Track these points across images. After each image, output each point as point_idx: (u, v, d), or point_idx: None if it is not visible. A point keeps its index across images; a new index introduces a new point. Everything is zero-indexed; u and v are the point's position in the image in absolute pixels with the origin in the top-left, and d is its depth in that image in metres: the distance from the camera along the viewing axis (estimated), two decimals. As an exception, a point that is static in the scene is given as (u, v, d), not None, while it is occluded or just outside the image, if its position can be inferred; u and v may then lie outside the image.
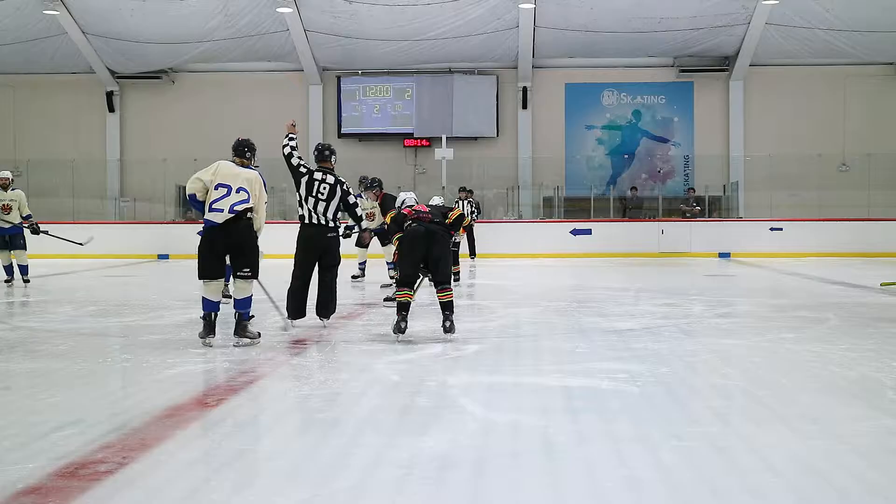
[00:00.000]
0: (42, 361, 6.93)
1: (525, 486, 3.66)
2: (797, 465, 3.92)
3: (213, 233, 7.27)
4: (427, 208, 8.03)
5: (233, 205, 7.22)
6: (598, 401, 5.25)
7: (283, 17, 23.05)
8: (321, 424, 4.74)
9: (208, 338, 7.29)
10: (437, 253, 7.68)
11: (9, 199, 13.58)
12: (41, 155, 23.91)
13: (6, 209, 13.50)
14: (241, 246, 7.31)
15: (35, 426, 4.62)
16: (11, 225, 13.52)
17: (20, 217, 13.63)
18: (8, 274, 13.67)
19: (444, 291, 7.65)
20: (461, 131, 24.96)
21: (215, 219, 7.22)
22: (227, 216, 7.19)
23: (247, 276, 7.30)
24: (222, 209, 7.21)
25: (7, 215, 13.49)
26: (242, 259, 7.31)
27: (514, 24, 23.15)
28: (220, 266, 7.36)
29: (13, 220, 13.53)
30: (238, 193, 7.26)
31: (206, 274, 7.30)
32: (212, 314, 7.31)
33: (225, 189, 7.26)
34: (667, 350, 7.04)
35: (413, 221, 7.79)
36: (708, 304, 10.58)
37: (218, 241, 7.28)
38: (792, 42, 23.56)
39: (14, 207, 13.58)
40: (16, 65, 25.45)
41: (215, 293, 7.35)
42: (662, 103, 25.53)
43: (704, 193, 24.02)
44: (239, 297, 7.33)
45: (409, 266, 7.74)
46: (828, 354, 6.78)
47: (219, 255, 7.33)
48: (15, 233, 13.56)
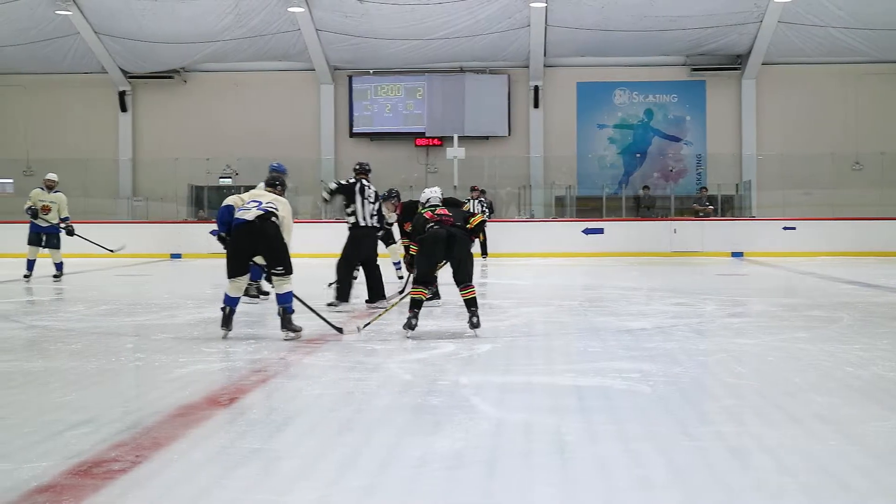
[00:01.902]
0: (55, 360, 6.95)
1: (537, 485, 3.65)
2: (810, 465, 3.90)
3: (241, 232, 7.62)
4: (448, 212, 8.09)
5: (261, 207, 7.69)
6: (610, 400, 5.24)
7: (294, 17, 23.09)
8: (333, 423, 4.75)
9: (228, 329, 7.72)
10: (458, 254, 7.85)
11: (49, 201, 14.36)
12: (54, 154, 23.95)
13: (46, 209, 14.29)
14: (269, 246, 7.64)
15: (48, 425, 4.63)
16: (49, 224, 14.29)
17: (58, 218, 14.34)
18: (29, 269, 14.26)
19: (467, 289, 7.79)
20: (473, 130, 24.96)
21: (245, 216, 7.61)
22: (257, 212, 7.62)
23: (280, 273, 7.62)
24: (251, 209, 7.68)
25: (46, 215, 14.28)
26: (274, 259, 7.63)
27: (525, 23, 23.14)
28: (246, 266, 7.73)
29: (52, 220, 14.29)
30: (267, 204, 7.76)
31: (233, 273, 7.69)
32: (228, 308, 7.68)
33: (256, 202, 7.77)
34: (679, 349, 7.01)
35: (434, 224, 7.90)
36: (720, 304, 10.56)
37: (246, 242, 7.65)
38: (804, 40, 23.49)
39: (54, 209, 14.36)
40: (28, 65, 25.59)
41: (237, 290, 7.73)
42: (674, 102, 25.48)
43: (717, 193, 23.95)
44: (280, 293, 7.66)
45: (427, 265, 7.92)
46: (841, 354, 6.75)
47: (246, 256, 7.70)
48: (51, 232, 14.34)
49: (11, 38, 24.24)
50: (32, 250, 14.39)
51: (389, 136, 25.71)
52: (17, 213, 17.34)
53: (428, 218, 8.03)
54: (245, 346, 7.33)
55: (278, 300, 7.70)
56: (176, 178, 24.67)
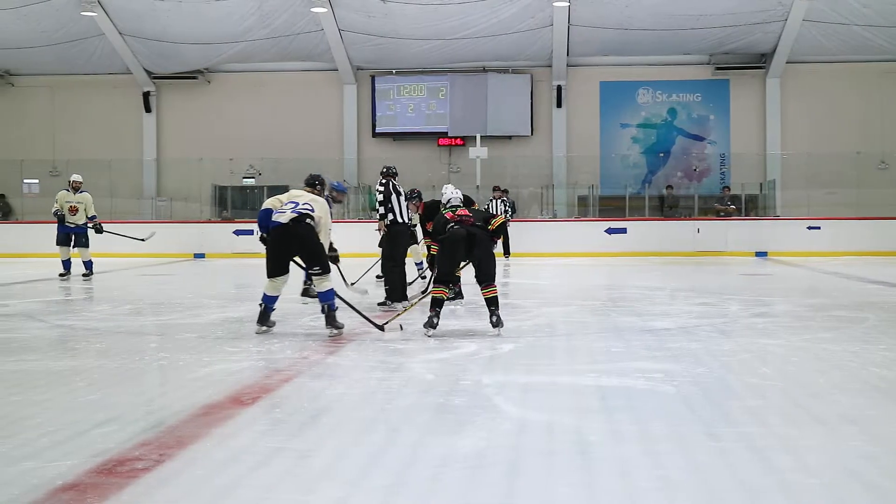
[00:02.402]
0: (80, 359, 7.00)
1: (559, 485, 3.65)
2: (834, 466, 3.88)
3: (277, 234, 7.81)
4: (469, 212, 8.13)
5: (296, 209, 7.86)
6: (633, 400, 5.23)
7: (317, 17, 23.14)
8: (356, 423, 4.76)
9: (262, 326, 7.96)
10: (479, 254, 7.93)
11: (76, 201, 14.77)
12: (79, 155, 24.14)
13: (73, 210, 14.75)
14: (306, 248, 7.86)
15: (73, 424, 4.66)
16: (77, 224, 14.72)
17: (86, 217, 14.78)
18: (65, 268, 14.68)
19: (489, 288, 7.86)
20: (495, 130, 24.94)
21: (280, 219, 7.78)
22: (292, 215, 7.77)
23: (318, 273, 7.84)
24: (286, 211, 7.85)
25: (74, 216, 14.70)
26: (311, 260, 7.88)
27: (548, 22, 23.09)
28: (285, 266, 7.94)
29: (78, 221, 14.73)
30: (303, 205, 7.92)
31: (272, 273, 7.90)
32: (264, 306, 7.96)
33: (293, 203, 7.95)
34: (703, 350, 6.98)
35: (455, 224, 7.96)
36: (744, 304, 10.50)
37: (283, 244, 7.85)
38: (829, 39, 23.31)
39: (81, 209, 14.80)
40: (54, 66, 25.77)
41: (276, 289, 7.96)
42: (698, 101, 25.37)
43: (741, 192, 23.82)
44: (322, 291, 7.87)
45: (448, 265, 8.02)
46: (866, 355, 6.70)
47: (284, 256, 7.91)
48: (80, 232, 14.76)
49: (37, 40, 24.44)
50: (64, 250, 14.78)
51: (412, 136, 25.73)
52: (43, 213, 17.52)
53: (449, 218, 8.07)
54: (268, 345, 7.36)
55: (320, 298, 7.90)
56: (200, 178, 24.80)
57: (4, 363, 6.60)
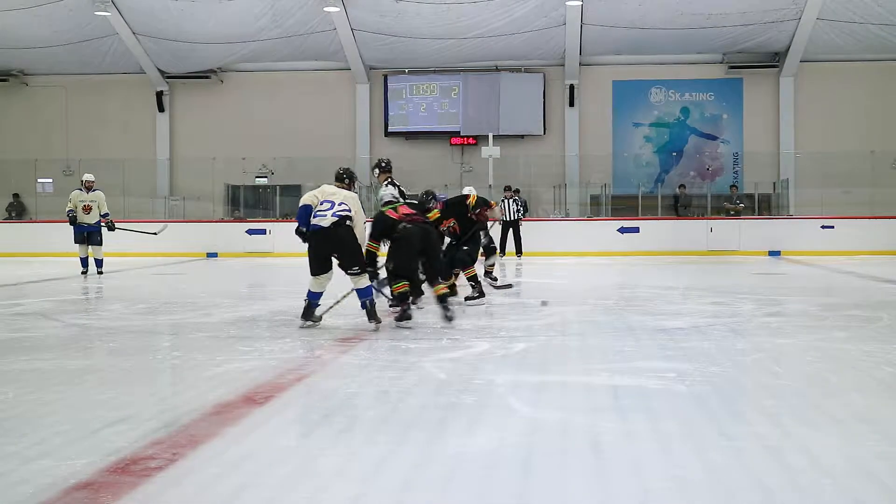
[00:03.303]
0: (93, 358, 7.02)
1: (572, 485, 3.64)
2: (849, 466, 3.85)
3: (318, 236, 8.10)
4: (412, 210, 8.70)
5: (335, 212, 8.09)
6: (646, 400, 5.21)
7: (330, 17, 23.17)
8: (369, 422, 4.76)
9: (306, 322, 8.24)
10: (432, 251, 8.54)
11: (89, 200, 15.11)
12: (92, 154, 24.22)
13: (87, 209, 15.06)
14: (344, 248, 8.11)
15: (87, 422, 4.67)
16: (90, 223, 15.05)
17: (99, 216, 15.12)
18: (84, 266, 15.10)
19: (440, 285, 8.38)
20: (508, 129, 24.94)
21: (321, 223, 8.05)
22: (332, 219, 8.04)
23: (356, 272, 8.11)
24: (326, 214, 8.09)
25: (87, 215, 15.02)
26: (348, 260, 8.13)
27: (560, 21, 23.07)
28: (327, 265, 8.22)
29: (91, 220, 15.06)
30: (340, 206, 8.16)
31: (315, 272, 8.18)
32: (308, 302, 8.24)
33: (329, 203, 8.18)
34: (716, 349, 6.96)
35: (407, 223, 8.46)
36: (758, 303, 10.46)
37: (323, 245, 8.13)
38: (843, 37, 23.24)
39: (94, 207, 15.13)
40: (68, 65, 25.89)
41: (321, 286, 8.21)
42: (711, 100, 25.32)
43: (754, 191, 23.79)
44: (359, 288, 8.16)
45: (406, 262, 8.49)
46: (881, 354, 6.66)
47: (325, 257, 8.19)
48: (93, 230, 15.09)
49: (51, 40, 24.56)
50: (83, 248, 15.17)
51: (424, 136, 25.74)
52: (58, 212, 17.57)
53: (396, 218, 8.53)
54: (281, 344, 7.37)
55: (359, 294, 8.17)
56: (212, 177, 24.84)
57: (18, 362, 6.61)
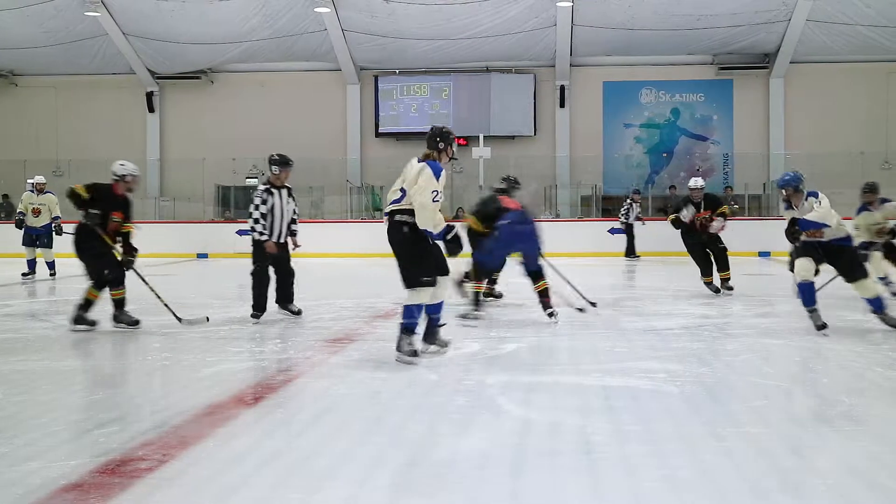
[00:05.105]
0: (84, 359, 7.01)
1: (564, 485, 3.65)
2: (839, 466, 3.87)
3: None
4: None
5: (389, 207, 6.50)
6: (636, 401, 5.22)
7: (320, 17, 23.16)
8: (360, 423, 4.75)
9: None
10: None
11: (38, 203, 14.89)
12: (82, 155, 24.15)
13: (36, 212, 14.88)
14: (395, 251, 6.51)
15: (76, 423, 4.67)
16: (41, 226, 14.85)
17: (49, 218, 14.86)
18: (29, 268, 14.88)
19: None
20: (499, 130, 24.97)
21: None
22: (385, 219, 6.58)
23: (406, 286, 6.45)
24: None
25: (36, 217, 14.84)
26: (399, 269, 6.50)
27: (551, 22, 23.11)
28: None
29: (39, 224, 14.86)
30: (399, 192, 6.42)
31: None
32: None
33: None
34: (706, 350, 6.98)
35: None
36: (748, 304, 10.50)
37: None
38: (833, 39, 23.31)
39: (44, 210, 14.87)
40: (58, 66, 25.84)
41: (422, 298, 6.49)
42: (701, 101, 25.38)
43: (744, 192, 23.82)
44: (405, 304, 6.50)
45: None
46: (871, 355, 6.69)
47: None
48: (41, 233, 14.95)
49: (41, 40, 24.50)
50: (30, 251, 14.98)
51: (416, 136, 25.59)
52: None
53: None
54: (272, 345, 7.36)
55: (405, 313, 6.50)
56: (203, 178, 24.80)
57: (8, 363, 6.60)
